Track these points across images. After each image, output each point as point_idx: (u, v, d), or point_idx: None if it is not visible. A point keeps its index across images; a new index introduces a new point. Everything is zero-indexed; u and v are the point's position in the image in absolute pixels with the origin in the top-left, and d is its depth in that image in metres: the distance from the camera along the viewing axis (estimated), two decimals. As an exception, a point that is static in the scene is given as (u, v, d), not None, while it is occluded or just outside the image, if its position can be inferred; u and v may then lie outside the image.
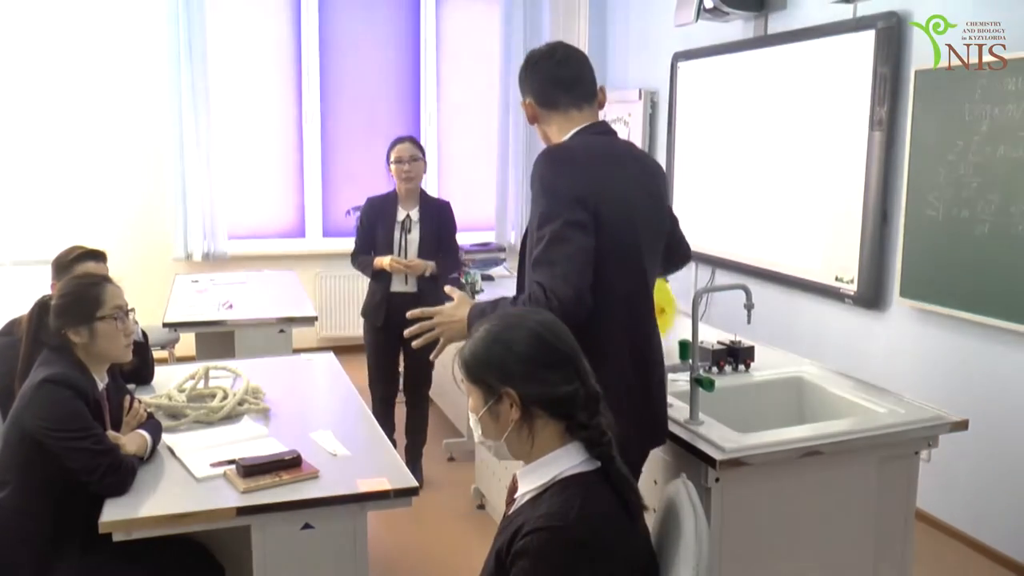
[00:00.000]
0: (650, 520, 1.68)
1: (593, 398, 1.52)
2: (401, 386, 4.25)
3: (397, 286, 3.97)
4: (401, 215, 4.01)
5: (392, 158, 3.98)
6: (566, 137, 2.09)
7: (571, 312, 1.81)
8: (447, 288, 2.19)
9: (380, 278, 4.00)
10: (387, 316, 3.96)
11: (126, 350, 2.36)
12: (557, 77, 2.12)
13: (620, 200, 2.00)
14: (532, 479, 1.51)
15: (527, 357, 1.50)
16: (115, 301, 2.32)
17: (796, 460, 2.23)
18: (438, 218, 4.07)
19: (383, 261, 3.92)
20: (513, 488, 1.57)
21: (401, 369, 4.21)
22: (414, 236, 3.99)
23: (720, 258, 5.04)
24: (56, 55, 5.73)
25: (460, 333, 1.97)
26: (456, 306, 2.04)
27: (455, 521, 3.74)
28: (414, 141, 4.05)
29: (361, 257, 4.07)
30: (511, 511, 1.55)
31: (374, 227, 4.03)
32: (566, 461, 1.49)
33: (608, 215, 1.95)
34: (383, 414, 3.81)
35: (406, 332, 2.06)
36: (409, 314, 2.08)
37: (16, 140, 5.73)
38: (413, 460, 4.13)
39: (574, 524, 1.38)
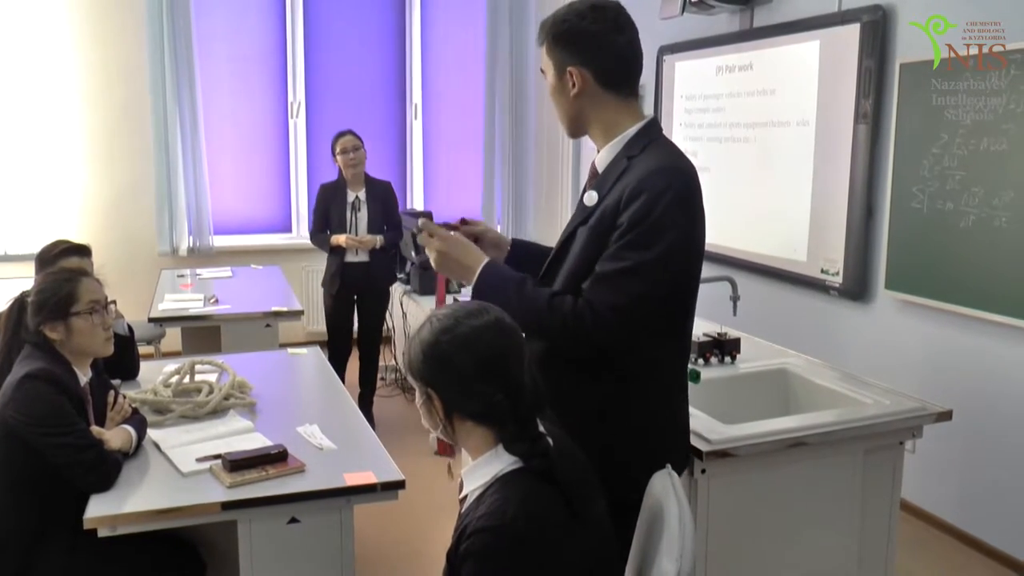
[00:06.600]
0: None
1: (529, 408, 1.44)
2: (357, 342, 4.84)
3: (351, 257, 4.68)
4: (351, 197, 4.68)
5: (337, 149, 4.63)
6: (628, 133, 1.72)
7: (600, 346, 1.66)
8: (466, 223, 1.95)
9: (336, 252, 4.68)
10: (341, 283, 4.69)
11: (106, 344, 2.35)
12: (622, 51, 1.70)
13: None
14: (475, 478, 1.47)
15: (450, 364, 1.43)
16: (90, 296, 2.30)
17: (782, 451, 2.25)
18: (383, 197, 4.74)
19: (339, 239, 4.59)
20: (460, 487, 1.54)
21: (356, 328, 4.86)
22: (363, 215, 4.68)
23: (706, 250, 5.03)
24: (39, 47, 5.67)
25: (455, 274, 1.80)
26: (467, 251, 1.79)
27: (441, 514, 3.74)
28: (354, 133, 4.68)
29: (319, 235, 4.74)
30: (463, 510, 1.53)
31: (328, 209, 4.70)
32: (508, 457, 1.43)
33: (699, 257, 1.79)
34: (336, 370, 3.92)
35: (419, 223, 1.84)
36: (421, 223, 1.84)
37: (-2, 134, 5.69)
38: (366, 407, 4.78)
39: (512, 522, 1.34)
